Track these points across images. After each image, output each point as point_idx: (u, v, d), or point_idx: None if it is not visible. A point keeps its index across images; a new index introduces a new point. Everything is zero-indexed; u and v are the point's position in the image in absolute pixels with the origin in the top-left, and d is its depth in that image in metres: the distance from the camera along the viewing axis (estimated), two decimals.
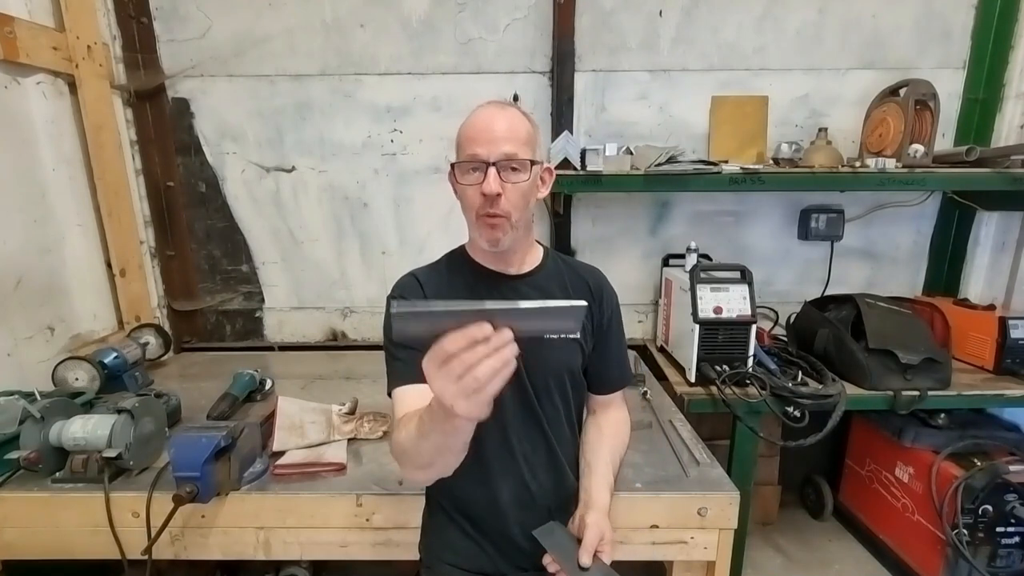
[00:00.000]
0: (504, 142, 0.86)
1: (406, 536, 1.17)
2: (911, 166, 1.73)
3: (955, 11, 1.95)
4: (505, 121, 0.88)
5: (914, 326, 1.73)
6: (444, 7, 1.96)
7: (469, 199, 0.90)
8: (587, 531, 0.90)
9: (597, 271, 1.10)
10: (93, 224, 1.89)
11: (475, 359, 0.56)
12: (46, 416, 1.19)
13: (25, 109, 1.65)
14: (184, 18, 1.97)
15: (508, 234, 0.91)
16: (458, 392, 0.58)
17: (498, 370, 0.57)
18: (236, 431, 1.15)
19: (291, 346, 2.26)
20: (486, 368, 0.57)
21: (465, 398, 0.58)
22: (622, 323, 1.11)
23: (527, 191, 0.91)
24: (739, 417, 1.59)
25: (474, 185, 0.88)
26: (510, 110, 0.91)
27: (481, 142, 0.87)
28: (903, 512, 1.84)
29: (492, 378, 0.57)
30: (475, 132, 0.88)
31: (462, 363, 0.57)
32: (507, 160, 0.86)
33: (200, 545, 1.19)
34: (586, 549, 0.87)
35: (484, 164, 0.86)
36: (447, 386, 0.59)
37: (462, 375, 0.57)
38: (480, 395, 0.58)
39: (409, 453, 0.79)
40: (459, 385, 0.58)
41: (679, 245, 2.01)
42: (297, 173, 2.11)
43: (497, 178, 0.86)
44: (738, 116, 2.01)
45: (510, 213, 0.89)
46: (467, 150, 0.88)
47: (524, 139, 0.89)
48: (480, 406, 0.59)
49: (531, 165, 0.90)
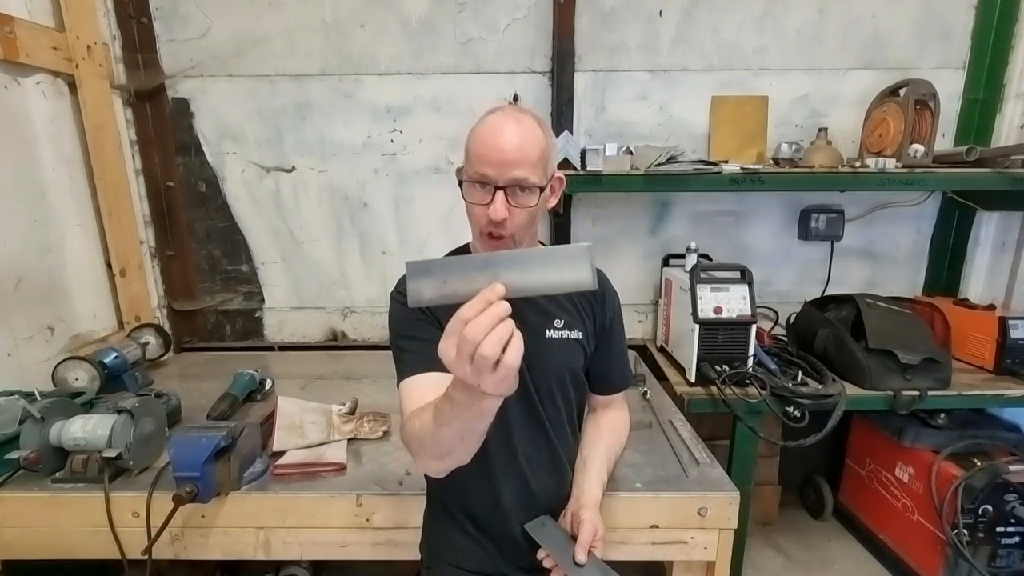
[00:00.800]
0: (515, 165, 0.82)
1: (406, 536, 1.17)
2: (911, 166, 1.73)
3: (955, 11, 1.95)
4: (518, 138, 0.82)
5: (914, 326, 1.73)
6: (444, 7, 1.96)
7: (475, 215, 0.88)
8: (582, 527, 0.90)
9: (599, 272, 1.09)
10: (93, 224, 1.89)
11: (479, 335, 0.56)
12: (46, 416, 1.19)
13: (25, 109, 1.65)
14: (184, 18, 1.97)
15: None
16: (478, 371, 0.58)
17: (503, 338, 0.57)
18: (236, 431, 1.15)
19: (291, 346, 2.26)
20: (490, 342, 0.56)
21: (491, 375, 0.58)
22: (623, 324, 1.11)
23: (534, 212, 0.88)
24: (739, 417, 1.59)
25: (480, 205, 0.85)
26: (525, 121, 0.85)
27: (491, 163, 0.82)
28: (903, 512, 1.84)
29: (500, 347, 0.57)
30: (486, 149, 0.83)
31: (476, 333, 0.57)
32: (515, 184, 0.83)
33: (200, 545, 1.19)
34: (582, 545, 0.87)
35: (492, 187, 0.83)
36: (465, 366, 0.59)
37: (472, 354, 0.57)
38: (503, 369, 0.58)
39: (427, 443, 0.77)
40: (474, 365, 0.58)
41: (679, 245, 2.01)
42: (297, 173, 2.11)
43: (504, 203, 0.83)
44: (738, 116, 2.01)
45: (515, 233, 0.86)
46: (475, 167, 0.84)
47: (536, 159, 0.84)
48: (507, 381, 0.59)
49: (540, 191, 0.86)
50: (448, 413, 0.69)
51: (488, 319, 0.57)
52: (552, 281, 0.61)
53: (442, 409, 0.70)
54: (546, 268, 0.61)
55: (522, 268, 0.60)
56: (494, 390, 0.60)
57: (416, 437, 0.79)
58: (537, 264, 0.61)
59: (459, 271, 0.61)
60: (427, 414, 0.75)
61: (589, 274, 0.61)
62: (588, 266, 0.61)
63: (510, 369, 0.58)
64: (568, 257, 0.61)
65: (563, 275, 0.61)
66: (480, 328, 0.57)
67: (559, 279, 0.61)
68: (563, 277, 0.61)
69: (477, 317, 0.57)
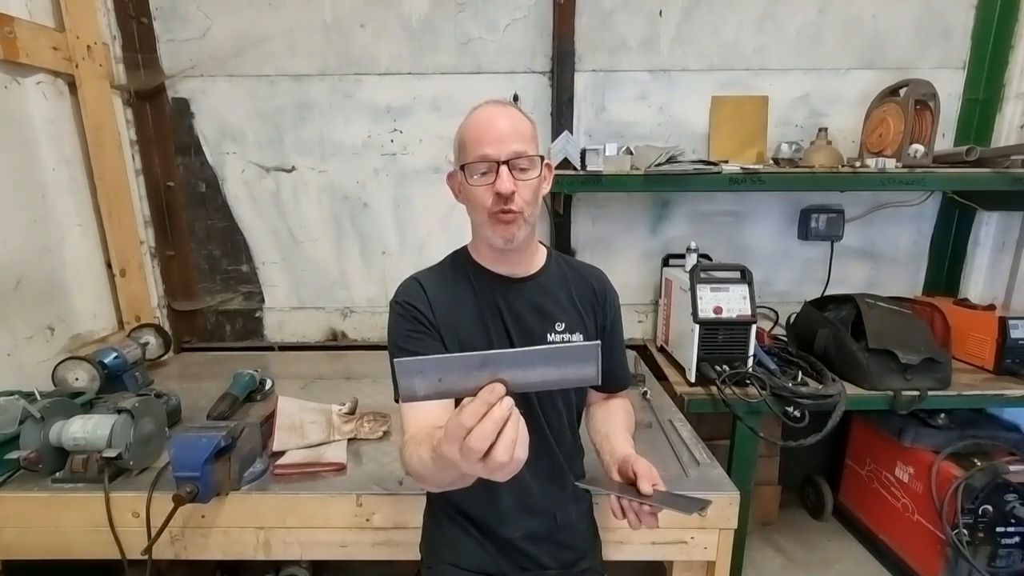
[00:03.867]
0: (512, 140, 0.87)
1: (406, 536, 1.17)
2: (911, 166, 1.73)
3: (955, 11, 1.95)
4: (509, 119, 0.89)
5: (914, 326, 1.73)
6: (444, 7, 1.96)
7: (480, 199, 0.89)
8: (637, 465, 0.86)
9: (599, 272, 1.09)
10: (93, 224, 1.89)
11: (484, 444, 0.54)
12: (46, 416, 1.19)
13: (25, 109, 1.65)
14: (184, 18, 1.97)
15: (522, 229, 0.91)
16: (488, 470, 0.57)
17: (513, 439, 0.55)
18: (236, 431, 1.16)
19: (291, 346, 2.26)
20: (501, 449, 0.55)
21: (501, 472, 0.57)
22: (622, 324, 1.11)
23: (537, 187, 0.91)
24: (739, 417, 1.59)
25: (486, 185, 0.88)
26: (510, 108, 0.92)
27: (490, 142, 0.87)
28: (903, 512, 1.84)
29: (510, 451, 0.55)
30: (482, 133, 0.88)
31: (479, 442, 0.54)
32: (517, 157, 0.87)
33: (200, 545, 1.19)
34: (645, 477, 0.83)
35: (495, 163, 0.86)
36: (476, 467, 0.57)
37: (484, 455, 0.55)
38: (513, 464, 0.56)
39: (426, 478, 0.78)
40: (486, 464, 0.56)
41: (679, 245, 2.01)
42: (297, 173, 2.11)
43: (509, 176, 0.86)
44: (738, 116, 2.01)
45: (524, 209, 0.89)
46: (475, 151, 0.87)
47: (529, 136, 0.90)
48: (517, 461, 0.57)
49: (540, 161, 0.91)
50: (446, 464, 0.65)
51: (492, 425, 0.54)
52: (554, 378, 0.57)
53: (441, 455, 0.66)
54: (549, 367, 0.57)
55: (524, 367, 0.56)
56: (503, 479, 0.58)
57: (415, 470, 0.80)
58: (540, 362, 0.56)
59: (456, 369, 0.56)
60: (425, 450, 0.73)
61: (595, 372, 0.57)
62: (595, 365, 0.57)
63: (520, 463, 0.57)
64: (575, 356, 0.57)
65: (566, 373, 0.57)
66: (484, 437, 0.54)
67: (561, 377, 0.58)
68: (566, 375, 0.57)
69: (481, 424, 0.54)
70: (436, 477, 0.75)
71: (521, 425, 0.57)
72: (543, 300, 0.98)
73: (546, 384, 0.58)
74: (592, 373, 0.57)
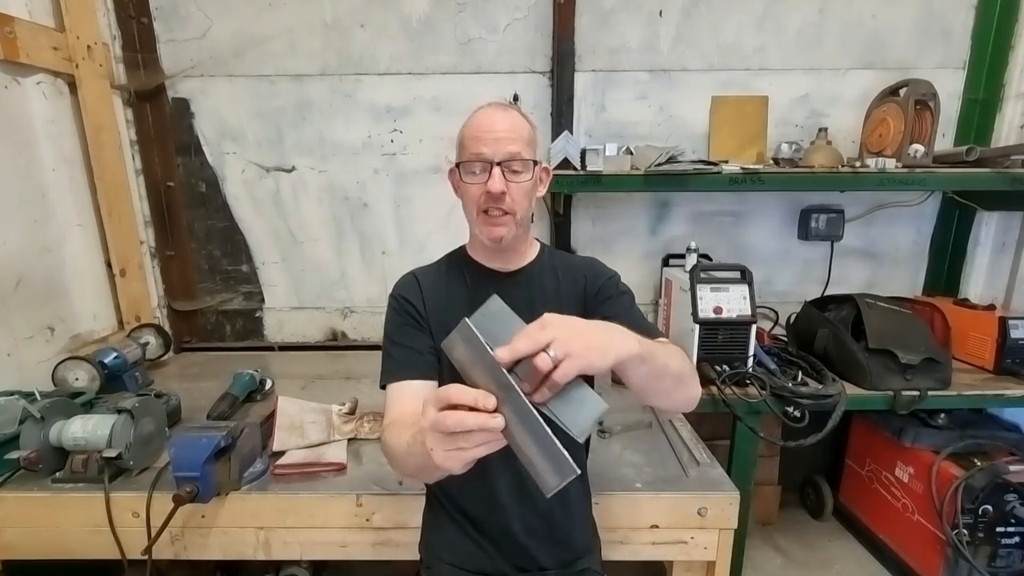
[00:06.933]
0: (508, 142, 0.89)
1: (406, 536, 1.17)
2: (911, 166, 1.73)
3: (955, 11, 1.95)
4: (507, 121, 0.90)
5: (914, 326, 1.73)
6: (444, 7, 1.96)
7: (472, 196, 0.92)
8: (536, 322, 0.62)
9: (591, 261, 1.08)
10: (93, 224, 1.89)
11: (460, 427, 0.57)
12: (46, 416, 1.19)
13: (25, 109, 1.65)
14: (184, 18, 1.97)
15: (511, 230, 0.93)
16: (440, 454, 0.60)
17: (472, 459, 0.60)
18: (236, 431, 1.16)
19: (291, 346, 2.26)
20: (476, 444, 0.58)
21: (444, 451, 0.60)
22: (634, 303, 1.04)
23: (530, 190, 0.93)
24: (739, 417, 1.59)
25: (479, 183, 0.90)
26: (511, 111, 0.93)
27: (486, 141, 0.89)
28: (903, 512, 1.84)
29: (464, 460, 0.60)
30: (479, 132, 0.90)
31: (458, 423, 0.57)
32: (511, 159, 0.89)
33: (200, 545, 1.19)
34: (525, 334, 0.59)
35: (489, 163, 0.88)
36: (435, 436, 0.60)
37: (454, 434, 0.58)
38: (462, 455, 0.60)
39: (395, 461, 0.84)
40: (445, 440, 0.59)
41: (679, 245, 2.01)
42: (297, 173, 2.11)
43: (501, 177, 0.88)
44: (738, 116, 2.01)
45: (515, 211, 0.91)
46: (471, 149, 0.90)
47: (526, 139, 0.92)
48: (458, 464, 0.61)
49: (533, 165, 0.92)
50: (414, 447, 0.72)
51: (475, 421, 0.57)
52: (530, 454, 0.58)
53: (412, 441, 0.73)
54: (534, 442, 0.57)
55: (521, 419, 0.57)
56: (441, 462, 0.61)
57: (391, 451, 0.85)
58: (532, 430, 0.57)
59: (486, 368, 0.59)
60: (404, 435, 0.77)
61: (555, 483, 0.58)
62: (559, 480, 0.58)
63: (468, 459, 0.60)
64: (554, 458, 0.57)
65: (540, 464, 0.58)
66: (459, 423, 0.57)
67: (532, 458, 0.58)
68: (538, 464, 0.58)
69: (465, 417, 0.57)
70: (404, 462, 0.80)
71: (495, 443, 0.59)
72: (531, 292, 1.00)
73: (519, 447, 0.58)
74: (553, 483, 0.58)
